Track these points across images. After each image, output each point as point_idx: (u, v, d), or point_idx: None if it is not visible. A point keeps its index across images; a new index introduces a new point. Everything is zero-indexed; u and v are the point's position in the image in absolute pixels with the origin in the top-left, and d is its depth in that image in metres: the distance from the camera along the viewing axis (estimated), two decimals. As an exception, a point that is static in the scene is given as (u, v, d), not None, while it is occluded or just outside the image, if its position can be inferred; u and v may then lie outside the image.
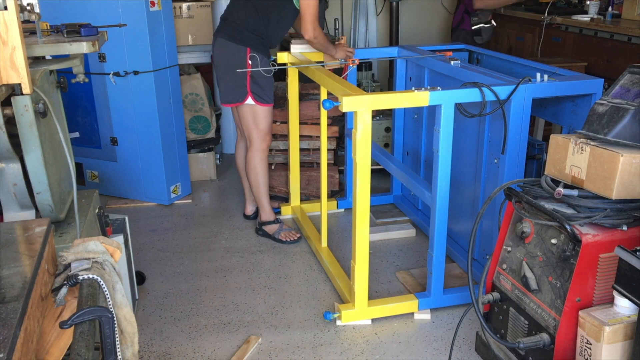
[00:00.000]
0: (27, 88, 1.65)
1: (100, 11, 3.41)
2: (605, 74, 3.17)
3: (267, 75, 3.17)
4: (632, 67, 1.91)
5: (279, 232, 3.38)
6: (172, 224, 3.63)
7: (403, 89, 3.53)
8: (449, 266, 2.91)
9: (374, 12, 5.65)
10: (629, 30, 3.97)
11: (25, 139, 1.72)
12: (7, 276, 1.23)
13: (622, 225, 1.74)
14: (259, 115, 3.21)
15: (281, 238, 3.36)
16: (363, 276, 2.54)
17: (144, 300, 2.82)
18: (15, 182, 1.78)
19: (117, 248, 1.49)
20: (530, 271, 1.87)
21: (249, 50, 3.10)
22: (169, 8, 3.66)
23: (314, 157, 3.82)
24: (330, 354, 2.42)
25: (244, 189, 3.63)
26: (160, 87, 3.62)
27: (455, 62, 2.89)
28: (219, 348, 2.48)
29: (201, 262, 3.17)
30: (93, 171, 3.95)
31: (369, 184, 2.42)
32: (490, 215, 2.63)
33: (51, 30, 2.20)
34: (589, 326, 1.66)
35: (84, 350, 1.12)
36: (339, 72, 3.17)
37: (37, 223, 1.48)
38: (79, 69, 2.14)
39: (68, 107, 2.61)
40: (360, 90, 2.48)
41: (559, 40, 4.66)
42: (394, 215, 3.64)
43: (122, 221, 2.51)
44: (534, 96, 2.45)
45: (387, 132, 4.09)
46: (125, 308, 1.43)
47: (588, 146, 1.80)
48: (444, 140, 2.42)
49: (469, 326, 2.56)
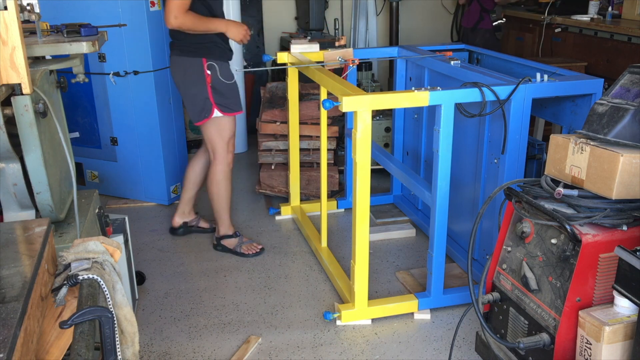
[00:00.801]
0: (27, 88, 1.65)
1: (100, 11, 3.41)
2: (605, 74, 3.18)
3: (228, 82, 3.01)
4: (632, 67, 1.91)
5: (240, 246, 3.24)
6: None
7: (403, 89, 3.53)
8: (449, 266, 2.91)
9: (374, 12, 5.65)
10: (629, 30, 3.97)
11: (25, 139, 1.72)
12: (7, 276, 1.23)
13: (622, 225, 1.74)
14: (223, 126, 3.05)
15: (243, 251, 3.22)
16: (363, 276, 2.54)
17: (144, 300, 2.82)
18: (15, 182, 1.78)
19: (117, 248, 1.49)
20: (530, 271, 1.87)
21: (205, 60, 2.93)
22: (169, 8, 3.65)
23: (314, 157, 3.82)
24: (330, 354, 2.42)
25: (181, 198, 3.40)
26: (160, 87, 3.62)
27: (455, 62, 2.89)
28: (219, 348, 2.48)
29: (201, 262, 3.17)
30: (93, 171, 3.95)
31: (369, 184, 2.42)
32: (490, 215, 2.63)
33: (51, 30, 2.20)
34: (589, 326, 1.66)
35: (84, 350, 1.12)
36: (339, 72, 3.17)
37: (37, 223, 1.48)
38: (79, 69, 2.14)
39: (68, 107, 2.60)
40: (360, 90, 2.48)
41: (559, 40, 4.66)
42: (394, 215, 3.64)
43: (122, 221, 2.51)
44: (534, 96, 2.45)
45: (387, 132, 4.09)
46: (126, 308, 1.43)
47: (588, 146, 1.80)
48: (444, 140, 2.42)
49: (469, 326, 2.56)
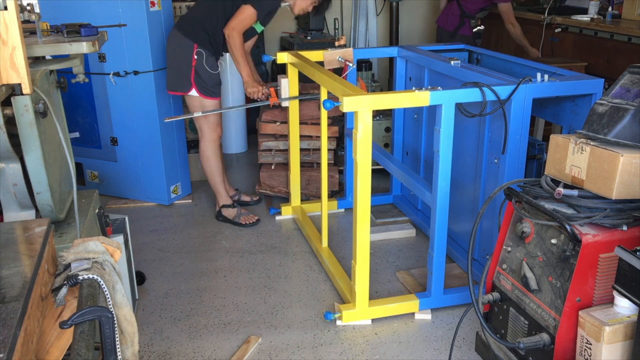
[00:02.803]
0: (27, 88, 1.65)
1: (100, 11, 3.41)
2: (605, 74, 3.17)
3: (211, 72, 3.32)
4: (632, 67, 1.91)
5: (239, 217, 3.56)
6: (172, 224, 3.63)
7: (403, 88, 3.53)
8: (449, 266, 2.91)
9: (374, 12, 5.65)
10: (629, 30, 3.97)
11: (25, 139, 1.72)
12: (7, 276, 1.23)
13: (622, 225, 1.74)
14: (207, 108, 3.36)
15: (241, 222, 3.54)
16: (364, 276, 2.54)
17: (144, 300, 2.82)
18: (15, 182, 1.78)
19: (117, 248, 1.49)
20: (530, 271, 1.87)
21: (196, 46, 3.24)
22: (169, 8, 3.66)
23: (314, 157, 3.82)
24: (330, 354, 2.42)
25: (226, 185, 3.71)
26: (160, 87, 3.62)
27: (455, 62, 2.89)
28: (219, 348, 2.48)
29: (201, 262, 3.17)
30: (93, 171, 3.95)
31: (369, 184, 2.42)
32: (490, 215, 2.63)
33: (51, 30, 2.20)
34: (589, 326, 1.66)
35: (84, 350, 1.12)
36: (339, 72, 3.17)
37: (37, 223, 1.48)
38: (79, 69, 2.14)
39: (68, 107, 2.60)
40: (361, 90, 2.48)
41: (559, 41, 4.66)
42: (394, 215, 3.64)
43: (122, 221, 2.51)
44: (534, 96, 2.45)
45: (387, 132, 4.09)
46: (125, 308, 1.43)
47: (588, 146, 1.80)
48: (445, 140, 2.41)
49: (469, 326, 2.56)
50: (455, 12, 4.53)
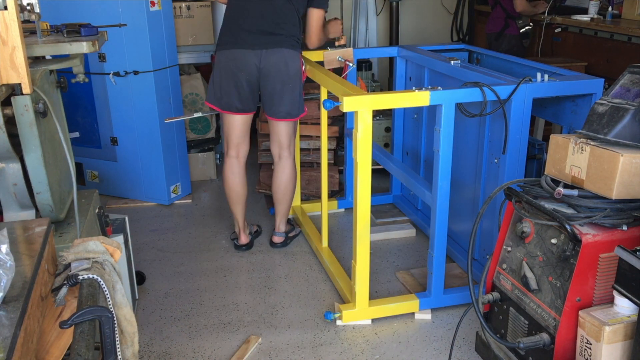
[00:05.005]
0: (27, 88, 1.65)
1: (100, 11, 3.41)
2: (605, 74, 3.17)
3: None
4: (632, 67, 1.91)
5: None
6: (172, 224, 3.63)
7: (403, 88, 3.53)
8: (449, 266, 2.91)
9: (374, 12, 5.64)
10: (629, 30, 3.97)
11: (25, 139, 1.72)
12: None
13: (622, 225, 1.74)
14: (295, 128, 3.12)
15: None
16: (364, 276, 2.54)
17: (144, 300, 2.82)
18: (15, 182, 1.78)
19: (117, 248, 1.49)
20: (530, 271, 1.87)
21: (300, 56, 2.98)
22: (169, 8, 3.66)
23: (314, 157, 3.82)
24: (330, 354, 2.42)
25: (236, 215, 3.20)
26: (160, 87, 3.62)
27: (455, 61, 2.89)
28: (219, 348, 2.48)
29: (201, 262, 3.17)
30: (93, 171, 3.95)
31: (369, 184, 2.42)
32: (490, 215, 2.63)
33: (51, 30, 2.20)
34: (589, 326, 1.66)
35: (84, 350, 1.12)
36: (339, 72, 3.17)
37: (37, 223, 1.48)
38: (79, 69, 2.14)
39: (68, 107, 2.60)
40: (361, 90, 2.48)
41: (559, 40, 4.66)
42: (394, 215, 3.64)
43: (122, 221, 2.51)
44: (534, 96, 2.45)
45: (387, 132, 4.09)
46: (125, 308, 1.43)
47: (588, 146, 1.80)
48: (445, 140, 2.41)
49: (469, 326, 2.56)
50: (500, 15, 4.58)
